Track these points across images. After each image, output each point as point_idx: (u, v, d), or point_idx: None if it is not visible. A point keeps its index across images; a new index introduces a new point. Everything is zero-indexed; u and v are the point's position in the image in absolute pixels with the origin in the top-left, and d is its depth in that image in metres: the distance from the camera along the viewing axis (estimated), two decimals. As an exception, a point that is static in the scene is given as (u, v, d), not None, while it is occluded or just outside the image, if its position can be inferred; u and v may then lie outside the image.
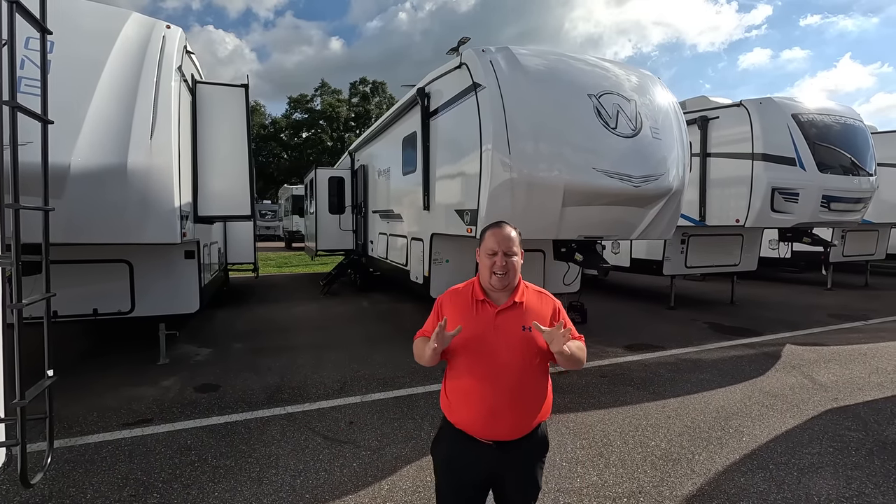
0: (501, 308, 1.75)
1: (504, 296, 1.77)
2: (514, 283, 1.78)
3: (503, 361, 1.69)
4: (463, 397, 1.74)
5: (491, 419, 1.69)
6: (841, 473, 3.09)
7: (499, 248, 1.73)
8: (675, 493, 2.88)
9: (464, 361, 1.74)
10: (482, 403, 1.69)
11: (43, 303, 2.20)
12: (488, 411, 1.68)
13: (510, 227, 1.79)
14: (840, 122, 7.14)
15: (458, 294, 1.85)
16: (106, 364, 5.34)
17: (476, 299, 1.78)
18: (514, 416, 1.70)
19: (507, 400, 1.68)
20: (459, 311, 1.77)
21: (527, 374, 1.71)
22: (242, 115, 5.18)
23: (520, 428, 1.72)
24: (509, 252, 1.74)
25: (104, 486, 2.92)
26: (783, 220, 6.98)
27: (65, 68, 3.50)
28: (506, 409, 1.68)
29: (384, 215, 8.20)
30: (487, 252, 1.76)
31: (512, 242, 1.75)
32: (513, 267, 1.75)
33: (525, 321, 1.73)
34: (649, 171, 4.66)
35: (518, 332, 1.72)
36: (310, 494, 2.86)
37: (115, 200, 3.66)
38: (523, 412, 1.72)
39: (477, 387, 1.71)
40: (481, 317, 1.75)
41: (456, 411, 1.76)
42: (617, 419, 3.93)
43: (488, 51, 4.72)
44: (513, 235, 1.77)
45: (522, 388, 1.71)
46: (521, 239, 1.80)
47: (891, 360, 5.51)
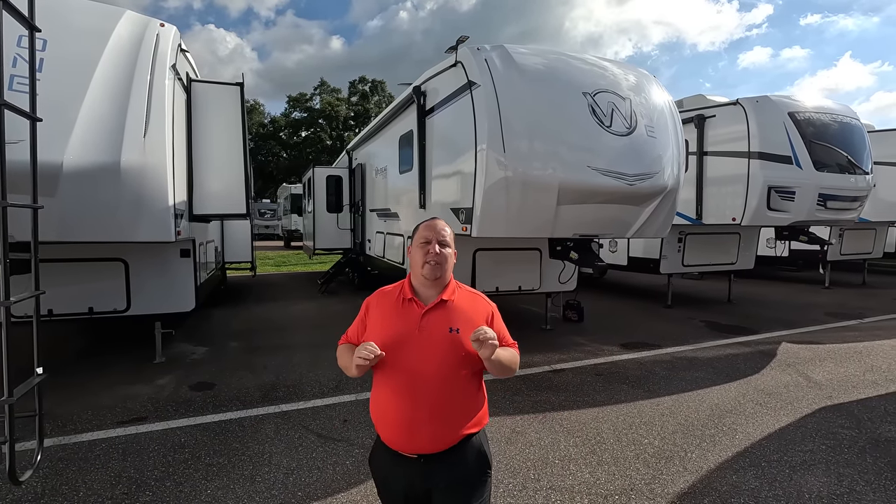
0: (429, 307, 1.62)
1: (434, 294, 1.66)
2: (446, 277, 1.68)
3: (425, 365, 1.56)
4: (384, 406, 1.62)
5: (410, 429, 1.56)
6: (833, 471, 3.10)
7: (433, 237, 1.65)
8: (666, 491, 2.89)
9: (387, 364, 1.59)
10: (401, 412, 1.57)
11: (37, 301, 2.21)
12: (407, 421, 1.56)
13: (444, 223, 1.73)
14: (837, 120, 7.14)
15: (385, 295, 1.73)
16: (102, 363, 5.34)
17: (403, 298, 1.66)
18: (435, 427, 1.56)
19: (426, 408, 1.55)
20: (385, 312, 1.67)
21: (450, 380, 1.58)
22: (238, 114, 5.17)
23: (442, 439, 1.57)
24: (443, 242, 1.66)
25: (97, 483, 2.92)
26: (779, 219, 6.98)
27: (57, 67, 3.50)
28: (424, 419, 1.55)
29: (381, 214, 8.20)
30: (420, 241, 1.67)
31: (446, 234, 1.68)
32: (446, 258, 1.65)
33: (452, 322, 1.60)
34: (644, 170, 4.66)
35: (444, 333, 1.59)
36: (302, 492, 2.86)
37: (109, 199, 3.66)
38: (445, 422, 1.58)
39: (397, 394, 1.58)
40: (406, 316, 1.63)
41: (380, 422, 1.64)
42: (611, 417, 3.93)
43: (483, 49, 4.72)
44: (447, 229, 1.71)
45: (444, 395, 1.57)
46: (454, 237, 1.74)
47: (886, 358, 5.52)
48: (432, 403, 1.56)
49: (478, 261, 6.05)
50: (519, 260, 6.27)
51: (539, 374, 4.99)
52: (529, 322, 7.46)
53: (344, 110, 44.99)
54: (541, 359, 5.47)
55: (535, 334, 6.66)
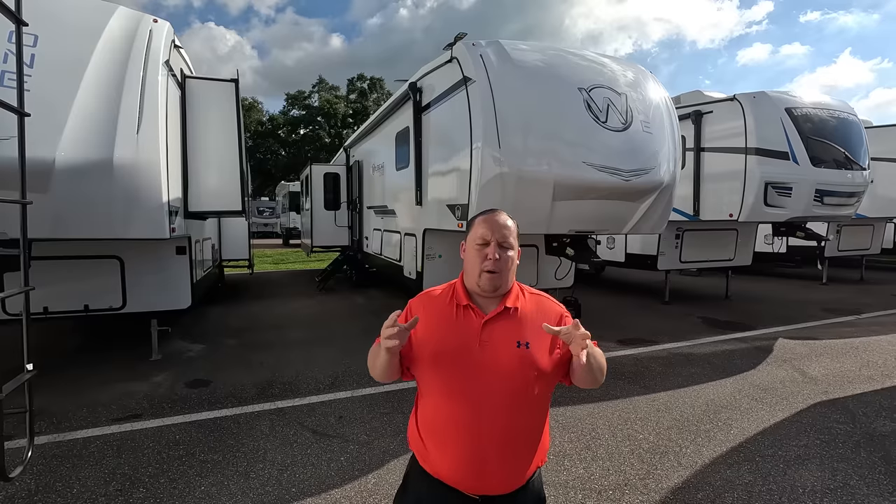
0: (490, 316, 1.35)
1: (493, 302, 1.38)
2: (507, 285, 1.39)
3: (492, 388, 1.30)
4: (439, 435, 1.35)
5: (474, 467, 1.30)
6: (827, 465, 3.10)
7: (492, 237, 1.35)
8: (660, 486, 2.89)
9: (438, 386, 1.35)
10: (465, 446, 1.30)
11: (26, 298, 2.20)
12: (471, 457, 1.30)
13: (507, 215, 1.41)
14: (834, 116, 7.13)
15: (433, 298, 1.45)
16: (97, 360, 5.33)
17: (458, 304, 1.38)
18: (505, 465, 1.32)
19: (494, 443, 1.30)
20: (435, 318, 1.38)
21: (521, 407, 1.32)
22: (233, 110, 5.15)
23: (512, 479, 1.33)
24: (505, 243, 1.36)
25: (90, 480, 2.92)
26: (776, 215, 6.98)
27: (49, 62, 3.48)
28: (492, 456, 1.30)
29: (378, 211, 8.19)
30: (477, 242, 1.37)
31: (509, 232, 1.38)
32: (507, 263, 1.36)
33: (521, 334, 1.33)
34: (640, 165, 4.66)
35: (511, 348, 1.31)
36: (296, 488, 2.86)
37: (102, 196, 3.64)
38: (516, 458, 1.33)
39: (454, 423, 1.32)
40: (464, 327, 1.35)
41: (431, 454, 1.36)
42: (606, 413, 3.93)
43: (478, 45, 4.70)
44: (510, 224, 1.39)
45: (515, 427, 1.32)
46: (518, 232, 1.43)
47: (882, 353, 5.53)
48: (501, 436, 1.30)
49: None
50: (516, 256, 6.25)
51: (535, 371, 4.98)
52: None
53: (342, 108, 44.87)
54: (537, 355, 5.46)
55: (533, 331, 6.65)
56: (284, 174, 38.57)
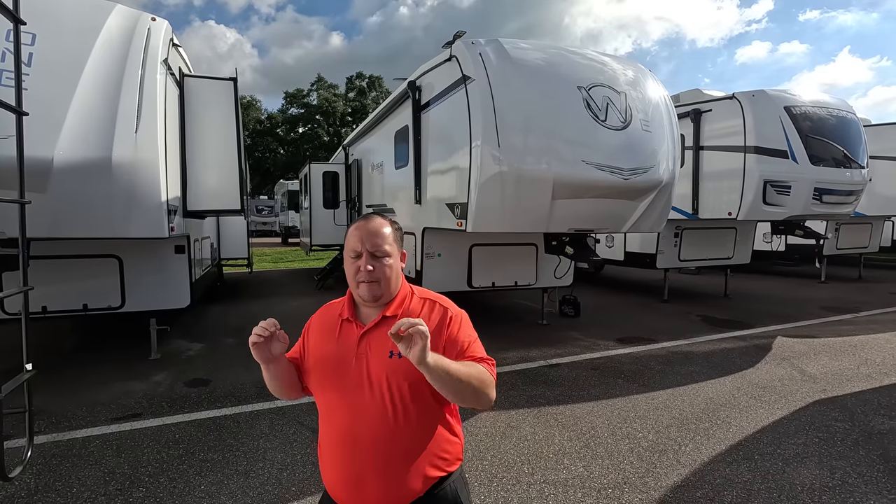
0: (368, 328, 1.30)
1: (375, 311, 1.34)
2: (389, 293, 1.33)
3: (364, 402, 1.25)
4: (326, 451, 1.33)
5: (354, 485, 1.25)
6: (825, 463, 3.11)
7: (362, 247, 1.29)
8: (660, 484, 2.89)
9: (323, 401, 1.34)
10: (345, 461, 1.27)
11: (25, 297, 2.19)
12: (349, 473, 1.26)
13: (382, 220, 1.35)
14: (833, 114, 7.13)
15: (328, 309, 1.43)
16: (97, 359, 5.33)
17: (341, 317, 1.35)
18: (384, 481, 1.24)
19: (372, 459, 1.24)
20: (323, 333, 1.37)
21: (398, 418, 1.24)
22: (232, 109, 5.14)
23: (394, 495, 1.25)
24: (378, 252, 1.29)
25: (90, 480, 2.92)
26: (775, 213, 6.98)
27: (47, 61, 3.47)
28: (369, 472, 1.24)
29: (377, 210, 8.18)
30: (349, 254, 1.32)
31: (381, 239, 1.30)
32: (384, 273, 1.30)
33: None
34: (639, 164, 4.65)
35: (384, 360, 1.26)
36: (296, 487, 2.86)
37: (100, 195, 3.64)
38: (398, 473, 1.25)
39: (336, 439, 1.28)
40: (343, 340, 1.32)
41: (323, 471, 1.35)
42: (605, 411, 3.94)
43: (478, 43, 4.69)
44: (384, 230, 1.32)
45: (393, 440, 1.24)
46: (399, 235, 1.38)
47: (880, 351, 5.54)
48: (377, 451, 1.24)
49: (474, 256, 6.05)
50: (515, 255, 6.27)
51: (534, 369, 5.00)
52: (525, 317, 7.47)
53: (341, 106, 44.83)
54: (536, 353, 5.47)
55: (532, 329, 6.67)
56: (283, 173, 38.55)
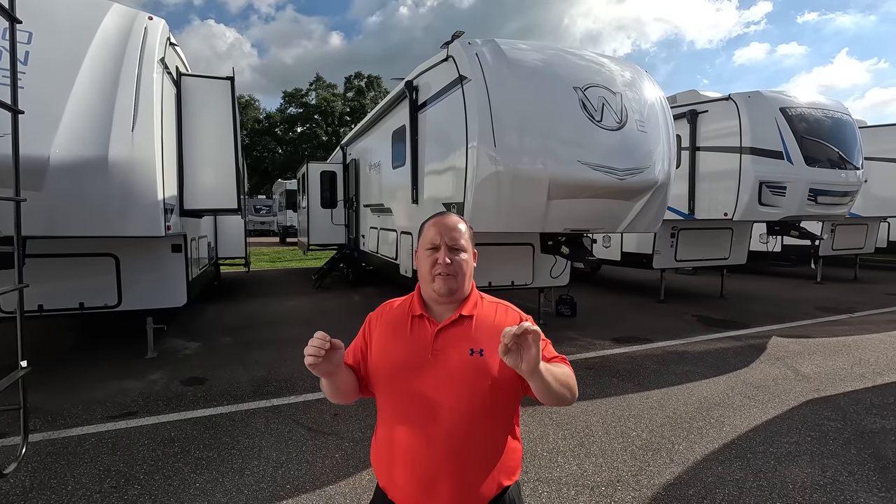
0: (444, 325, 1.29)
1: (449, 310, 1.33)
2: (463, 290, 1.33)
3: (440, 401, 1.23)
4: (390, 455, 1.29)
5: (424, 488, 1.23)
6: (817, 462, 3.14)
7: (441, 240, 1.30)
8: (652, 482, 2.91)
9: (392, 401, 1.30)
10: (413, 465, 1.24)
11: (20, 295, 2.20)
12: (421, 476, 1.23)
13: (458, 217, 1.38)
14: (828, 115, 7.17)
15: (392, 307, 1.42)
16: (93, 358, 5.33)
17: (412, 314, 1.34)
18: (457, 484, 1.22)
19: (445, 461, 1.21)
20: (390, 330, 1.35)
21: (476, 420, 1.23)
22: (229, 108, 5.15)
23: (466, 499, 1.24)
24: (455, 245, 1.31)
25: (85, 477, 2.92)
26: (771, 214, 7.02)
27: (43, 60, 3.47)
28: (444, 474, 1.22)
29: (375, 209, 8.19)
30: (427, 246, 1.32)
31: (459, 234, 1.32)
32: (461, 267, 1.31)
33: (475, 342, 1.27)
34: (634, 164, 4.68)
35: (464, 357, 1.25)
36: (290, 485, 2.87)
37: (97, 193, 3.64)
38: (470, 477, 1.24)
39: (404, 439, 1.25)
40: (416, 337, 1.30)
41: (384, 473, 1.31)
42: (600, 410, 3.96)
43: (474, 43, 4.71)
44: (461, 227, 1.34)
45: (469, 442, 1.23)
46: (472, 234, 1.39)
47: (874, 351, 5.57)
48: (454, 451, 1.22)
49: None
50: (511, 255, 6.28)
51: (530, 369, 5.01)
52: (522, 317, 7.48)
53: (340, 106, 44.77)
54: (533, 353, 5.48)
55: (528, 329, 6.67)
56: (281, 172, 38.49)
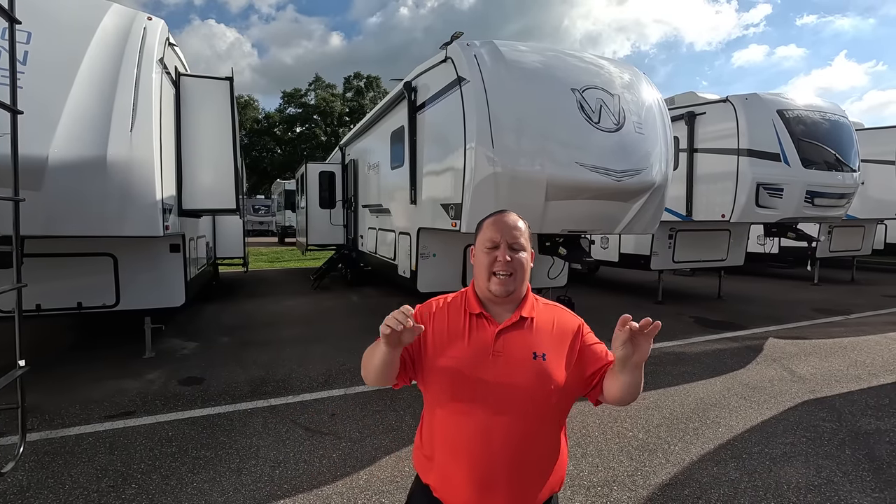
0: (504, 326, 1.27)
1: (507, 309, 1.31)
2: (521, 290, 1.32)
3: (505, 403, 1.22)
4: (442, 454, 1.28)
5: (481, 490, 1.22)
6: (812, 462, 3.15)
7: (501, 239, 1.28)
8: (648, 482, 2.93)
9: (447, 399, 1.26)
10: (472, 465, 1.22)
11: (19, 294, 2.21)
12: (479, 478, 1.21)
13: (517, 216, 1.35)
14: (825, 118, 7.20)
15: (445, 304, 1.37)
16: (91, 357, 5.32)
17: (470, 312, 1.31)
18: (514, 487, 1.23)
19: (504, 462, 1.21)
20: (446, 327, 1.31)
21: (536, 423, 1.24)
22: (227, 108, 5.16)
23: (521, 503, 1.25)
24: (516, 245, 1.29)
25: (83, 477, 2.93)
26: (768, 215, 7.04)
27: (42, 60, 3.48)
28: (501, 476, 1.21)
29: (373, 210, 8.20)
30: (486, 245, 1.30)
31: (519, 233, 1.31)
32: (520, 266, 1.29)
33: (537, 345, 1.26)
34: (632, 166, 4.69)
35: (527, 360, 1.24)
36: (288, 485, 2.88)
37: (95, 193, 3.64)
38: (527, 481, 1.24)
39: (462, 439, 1.23)
40: (476, 337, 1.27)
41: (433, 473, 1.29)
42: (596, 410, 3.97)
43: (473, 45, 4.73)
44: (521, 225, 1.33)
45: (528, 446, 1.24)
46: (530, 233, 1.37)
47: (870, 353, 5.60)
48: (515, 450, 1.22)
49: (468, 257, 6.08)
50: (509, 256, 6.29)
51: (528, 369, 5.02)
52: (520, 318, 7.49)
53: (339, 106, 44.78)
54: (530, 354, 5.50)
55: (526, 330, 6.68)
56: (280, 172, 38.48)
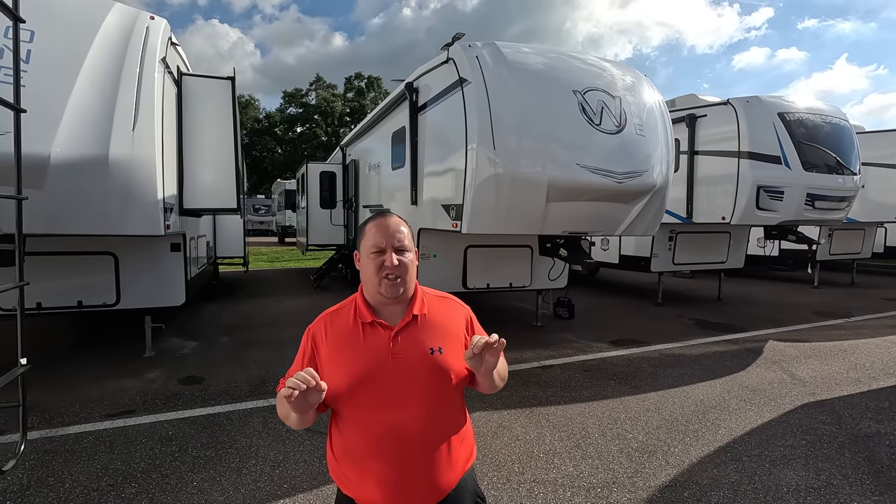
0: (399, 327, 1.31)
1: (399, 311, 1.35)
2: (410, 289, 1.35)
3: (409, 400, 1.26)
4: (360, 458, 1.29)
5: (403, 483, 1.26)
6: (811, 465, 3.15)
7: (386, 243, 1.30)
8: (648, 484, 2.93)
9: (355, 408, 1.28)
10: (388, 464, 1.25)
11: (21, 292, 2.21)
12: (398, 473, 1.25)
13: (399, 218, 1.37)
14: (826, 121, 7.20)
15: (335, 317, 1.38)
16: (91, 356, 5.33)
17: (362, 322, 1.32)
18: (430, 478, 1.28)
19: (418, 458, 1.26)
20: (342, 344, 1.32)
21: (440, 414, 1.30)
22: (229, 108, 5.16)
23: (442, 487, 1.30)
24: (401, 247, 1.31)
25: (83, 475, 2.93)
26: (768, 218, 7.05)
27: (45, 58, 3.48)
28: (418, 467, 1.26)
29: (374, 210, 8.21)
30: (371, 250, 1.31)
31: (403, 235, 1.33)
32: (407, 268, 1.31)
33: (432, 340, 1.31)
34: (633, 168, 4.70)
35: (425, 356, 1.29)
36: (288, 484, 2.88)
37: (97, 192, 3.65)
38: (442, 467, 1.29)
39: (378, 441, 1.26)
40: (372, 344, 1.30)
41: (353, 480, 1.30)
42: (597, 412, 3.97)
43: (474, 46, 4.73)
44: (403, 228, 1.34)
45: (437, 436, 1.30)
46: (412, 234, 1.39)
47: (870, 356, 5.60)
48: (424, 450, 1.27)
49: (469, 258, 6.08)
50: (510, 257, 6.30)
51: (528, 370, 5.03)
52: (520, 319, 7.51)
53: (339, 106, 44.80)
54: (530, 355, 5.50)
55: (526, 331, 6.70)
56: (280, 172, 38.49)
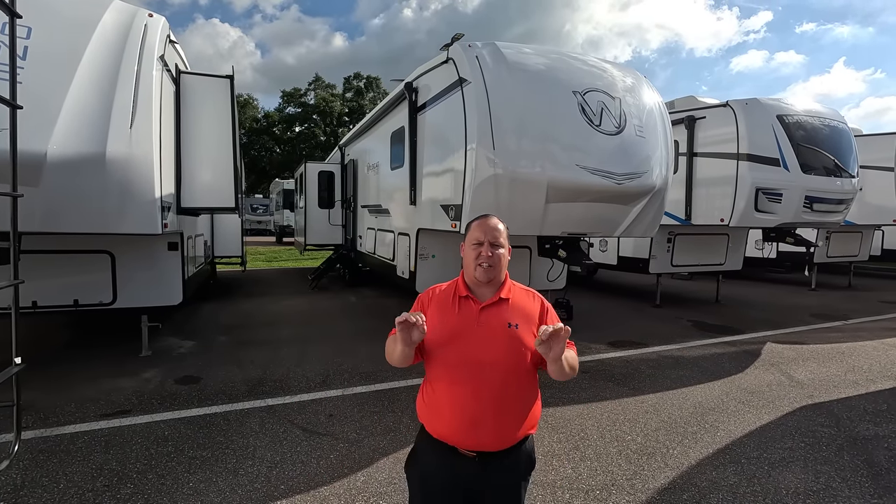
0: (486, 304, 1.65)
1: (489, 291, 1.68)
2: (500, 277, 1.69)
3: (486, 360, 1.57)
4: (441, 403, 1.62)
5: (473, 426, 1.56)
6: (810, 468, 3.15)
7: (485, 238, 1.65)
8: (647, 486, 2.92)
9: (442, 362, 1.63)
10: (463, 408, 1.57)
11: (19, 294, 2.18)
12: (470, 417, 1.56)
13: (497, 220, 1.71)
14: (824, 124, 7.22)
15: (440, 291, 1.75)
16: (87, 356, 5.29)
17: (458, 295, 1.68)
18: (498, 424, 1.57)
19: (490, 404, 1.56)
20: (440, 308, 1.68)
21: (511, 376, 1.59)
22: (228, 107, 5.14)
23: (504, 437, 1.59)
24: (496, 243, 1.66)
25: (77, 475, 2.90)
26: (766, 220, 7.06)
27: (42, 55, 3.46)
28: (488, 415, 1.56)
29: (373, 210, 8.19)
30: (472, 242, 1.68)
31: (499, 233, 1.68)
32: (499, 259, 1.65)
33: (511, 318, 1.63)
34: (632, 169, 4.70)
35: (503, 329, 1.61)
36: (284, 486, 2.86)
37: (94, 190, 3.62)
38: (508, 420, 1.59)
39: (457, 390, 1.59)
40: (463, 313, 1.65)
41: (434, 419, 1.64)
42: (595, 414, 3.96)
43: (474, 46, 4.73)
44: (500, 227, 1.69)
45: (507, 393, 1.59)
46: (508, 234, 1.73)
47: (867, 358, 5.60)
48: (497, 395, 1.56)
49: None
50: (508, 257, 6.29)
51: (526, 371, 5.01)
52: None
53: (338, 106, 44.73)
54: (528, 356, 5.48)
55: (524, 332, 6.67)
56: (279, 171, 38.40)
